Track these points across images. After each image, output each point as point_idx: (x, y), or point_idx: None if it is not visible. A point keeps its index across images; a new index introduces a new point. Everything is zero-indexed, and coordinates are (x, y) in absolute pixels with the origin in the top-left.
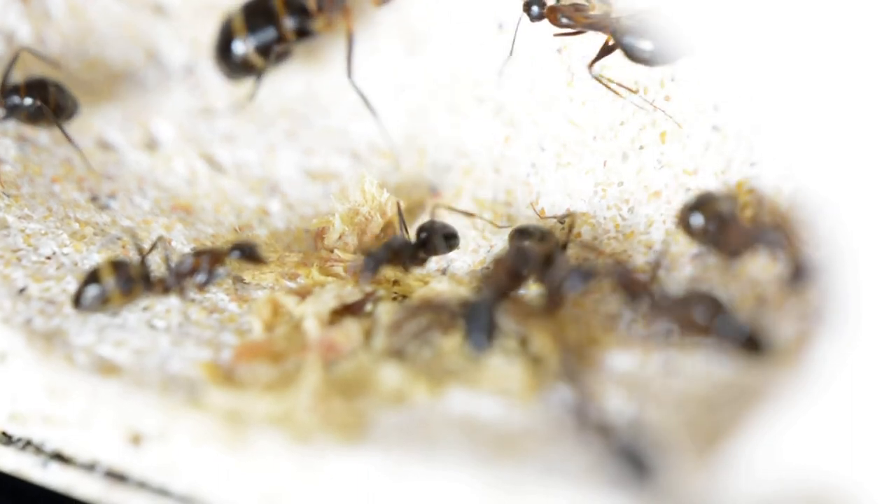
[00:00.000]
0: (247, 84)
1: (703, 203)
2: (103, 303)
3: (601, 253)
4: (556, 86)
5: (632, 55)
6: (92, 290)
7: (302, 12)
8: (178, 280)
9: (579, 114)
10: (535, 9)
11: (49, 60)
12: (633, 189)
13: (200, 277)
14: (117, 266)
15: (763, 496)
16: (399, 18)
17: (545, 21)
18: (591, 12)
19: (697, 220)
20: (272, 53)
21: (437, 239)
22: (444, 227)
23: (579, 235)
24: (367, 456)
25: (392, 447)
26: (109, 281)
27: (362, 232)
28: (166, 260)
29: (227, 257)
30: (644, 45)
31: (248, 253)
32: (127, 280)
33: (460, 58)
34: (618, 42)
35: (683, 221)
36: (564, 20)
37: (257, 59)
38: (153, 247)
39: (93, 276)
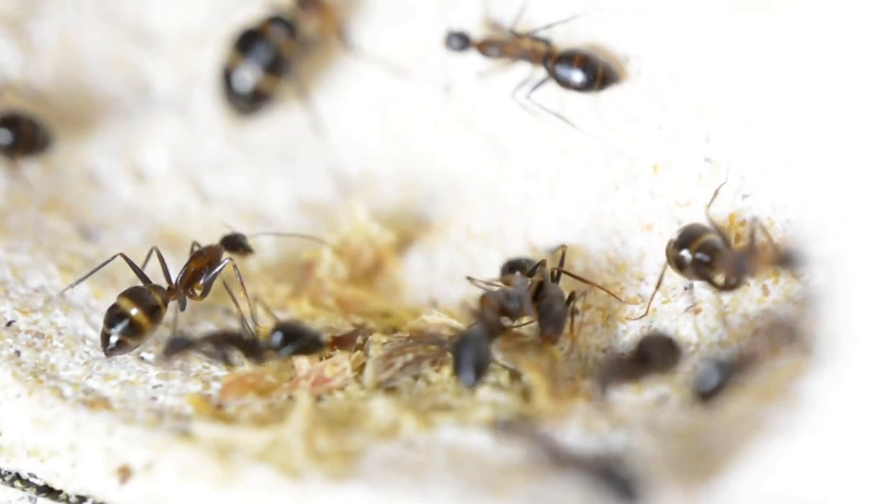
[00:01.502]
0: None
1: (689, 238)
2: (134, 335)
3: (592, 285)
4: (549, 116)
5: (565, 84)
6: (121, 326)
7: (286, 22)
8: (186, 287)
9: (572, 143)
10: (455, 41)
11: (30, 97)
12: (625, 220)
13: (204, 278)
14: (134, 295)
15: None
16: (387, 46)
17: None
18: (522, 45)
19: (685, 256)
20: (277, 69)
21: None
22: (300, 330)
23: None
24: (356, 491)
25: (382, 482)
26: (133, 310)
27: (353, 264)
28: (166, 270)
29: (220, 252)
30: (575, 76)
31: (236, 244)
32: (149, 305)
33: (452, 85)
34: (550, 72)
35: (672, 258)
36: (494, 51)
37: (266, 82)
38: (146, 260)
39: (117, 314)
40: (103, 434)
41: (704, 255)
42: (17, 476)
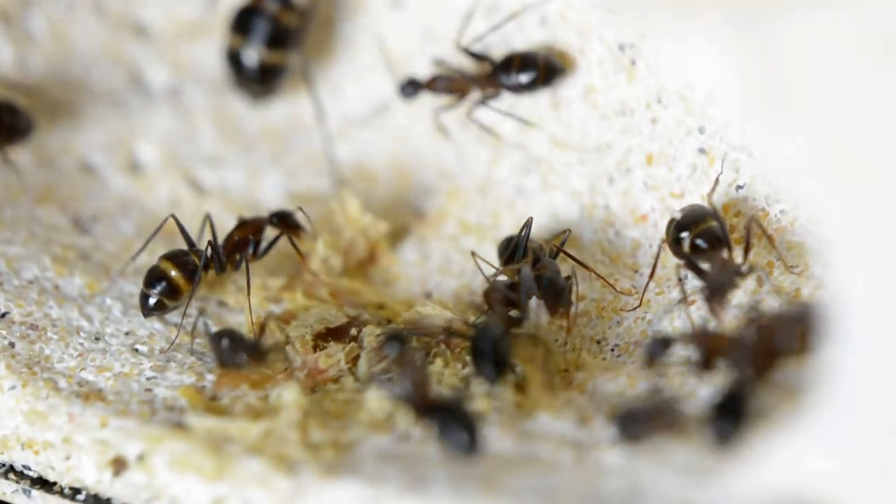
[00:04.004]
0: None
1: (691, 221)
2: (172, 296)
3: (591, 270)
4: (542, 109)
5: (514, 89)
6: (160, 287)
7: None
8: (229, 256)
9: (565, 137)
10: (409, 90)
11: (22, 87)
12: (619, 212)
13: (251, 248)
14: (174, 257)
15: None
16: (382, 39)
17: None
18: (466, 74)
19: (684, 238)
20: (280, 42)
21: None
22: (243, 340)
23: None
24: (349, 484)
25: (375, 475)
26: (172, 272)
27: (347, 255)
28: (214, 238)
29: (267, 225)
30: (520, 79)
31: (286, 220)
32: (189, 268)
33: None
34: (499, 84)
35: (671, 237)
36: (443, 84)
37: (272, 56)
38: (202, 229)
39: (157, 275)
40: (97, 426)
41: (703, 241)
42: (11, 468)
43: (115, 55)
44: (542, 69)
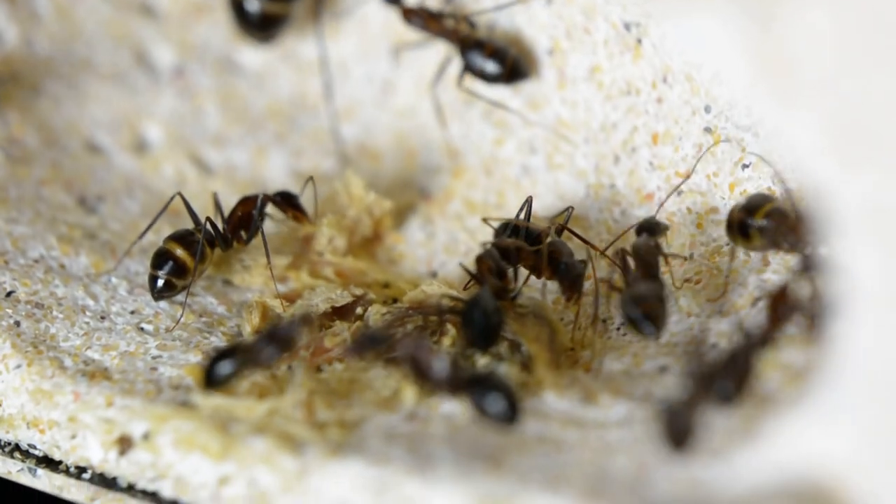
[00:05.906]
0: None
1: (756, 206)
2: (180, 275)
3: (596, 249)
4: (547, 87)
5: (476, 73)
6: (167, 267)
7: None
8: (234, 232)
9: (571, 116)
10: None
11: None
12: (624, 192)
13: (255, 223)
14: (179, 238)
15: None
16: (388, 19)
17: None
18: (445, 23)
19: (753, 223)
20: None
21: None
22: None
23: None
24: (355, 464)
25: (380, 455)
26: (178, 251)
27: (351, 234)
28: (221, 215)
29: (269, 203)
30: (487, 67)
31: (289, 200)
32: (195, 246)
33: (449, 59)
34: (463, 57)
35: (739, 226)
36: (417, 22)
37: (274, 7)
38: (216, 206)
39: (163, 255)
40: (103, 405)
41: (770, 221)
42: (17, 447)
43: (120, 35)
44: (510, 67)
